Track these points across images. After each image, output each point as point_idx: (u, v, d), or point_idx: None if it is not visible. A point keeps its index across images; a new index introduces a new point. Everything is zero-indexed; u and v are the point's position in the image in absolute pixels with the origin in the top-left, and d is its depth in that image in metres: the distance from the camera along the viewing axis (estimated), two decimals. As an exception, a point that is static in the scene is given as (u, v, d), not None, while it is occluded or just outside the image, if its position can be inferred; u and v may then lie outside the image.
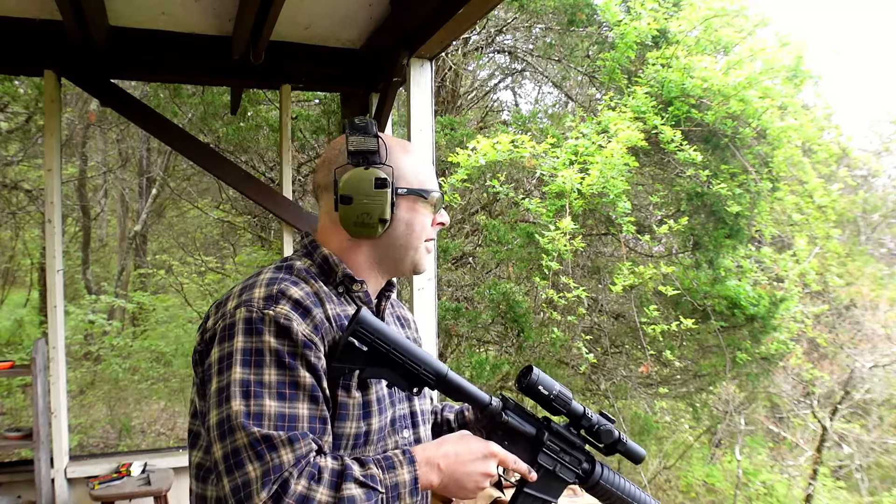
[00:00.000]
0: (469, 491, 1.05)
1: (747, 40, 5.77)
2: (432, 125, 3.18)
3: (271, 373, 0.96)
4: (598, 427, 1.15)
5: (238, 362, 0.96)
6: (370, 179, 1.08)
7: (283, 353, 0.97)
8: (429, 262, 1.19)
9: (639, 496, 1.20)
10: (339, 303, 1.09)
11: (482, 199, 6.24)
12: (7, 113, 7.03)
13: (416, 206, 1.14)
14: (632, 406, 5.97)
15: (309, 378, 0.98)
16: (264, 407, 0.94)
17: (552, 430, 1.14)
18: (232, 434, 0.93)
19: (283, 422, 0.94)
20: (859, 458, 7.70)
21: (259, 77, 3.44)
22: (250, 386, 0.95)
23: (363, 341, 0.99)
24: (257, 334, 0.97)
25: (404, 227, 1.13)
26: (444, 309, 5.35)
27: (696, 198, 5.37)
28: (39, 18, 2.90)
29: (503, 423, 1.09)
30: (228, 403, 0.94)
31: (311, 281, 1.07)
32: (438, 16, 2.71)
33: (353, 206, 1.08)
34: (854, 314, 7.97)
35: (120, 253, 9.34)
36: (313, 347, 0.99)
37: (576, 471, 1.16)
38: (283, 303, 0.99)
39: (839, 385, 7.76)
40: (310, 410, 0.97)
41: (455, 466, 1.03)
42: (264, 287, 1.02)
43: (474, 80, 7.56)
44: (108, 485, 2.95)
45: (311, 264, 1.12)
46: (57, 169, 3.03)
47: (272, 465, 0.91)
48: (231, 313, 1.00)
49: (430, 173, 1.18)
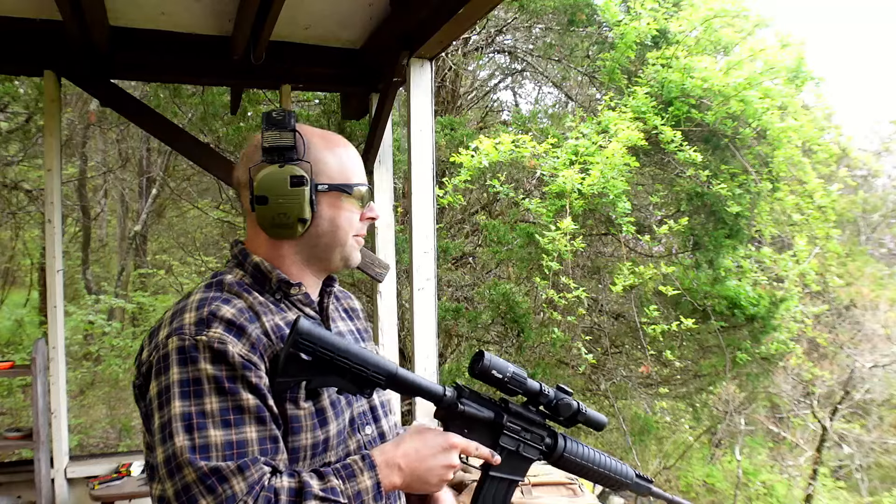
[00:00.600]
0: (433, 485, 1.04)
1: (747, 41, 5.77)
2: (432, 125, 3.18)
3: (212, 401, 0.92)
4: (556, 402, 1.15)
5: (177, 395, 0.92)
6: (285, 178, 1.02)
7: (221, 379, 0.93)
8: (359, 255, 1.15)
9: (605, 462, 1.21)
10: (278, 311, 1.05)
11: (482, 199, 6.24)
12: (7, 113, 7.03)
13: (341, 201, 1.08)
14: (632, 406, 5.97)
15: (252, 399, 0.94)
16: (209, 438, 0.90)
17: (511, 412, 1.13)
18: (180, 471, 0.89)
19: (232, 450, 0.91)
20: (859, 458, 7.70)
21: (259, 77, 3.44)
22: (192, 419, 0.91)
23: (305, 351, 0.95)
24: (192, 363, 0.93)
25: (328, 224, 1.08)
26: (444, 309, 5.35)
27: (697, 198, 5.37)
28: (39, 18, 2.90)
29: (460, 413, 1.08)
30: (172, 440, 0.90)
31: (244, 295, 1.03)
32: (438, 16, 2.71)
33: (269, 206, 1.03)
34: (854, 314, 7.97)
35: (120, 253, 9.34)
36: (253, 368, 0.95)
37: (539, 447, 1.16)
38: (215, 325, 0.95)
39: (839, 385, 7.76)
40: (258, 433, 0.94)
41: (416, 464, 1.01)
42: (194, 311, 0.97)
43: (474, 80, 7.56)
44: (107, 485, 2.94)
45: (244, 275, 1.07)
46: (57, 169, 3.03)
47: (225, 497, 0.88)
48: (164, 344, 0.96)
49: (356, 166, 1.12)
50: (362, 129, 5.34)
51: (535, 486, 2.22)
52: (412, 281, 3.17)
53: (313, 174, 1.05)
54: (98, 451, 7.00)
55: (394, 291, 3.60)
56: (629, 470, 1.24)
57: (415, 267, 3.17)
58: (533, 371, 5.44)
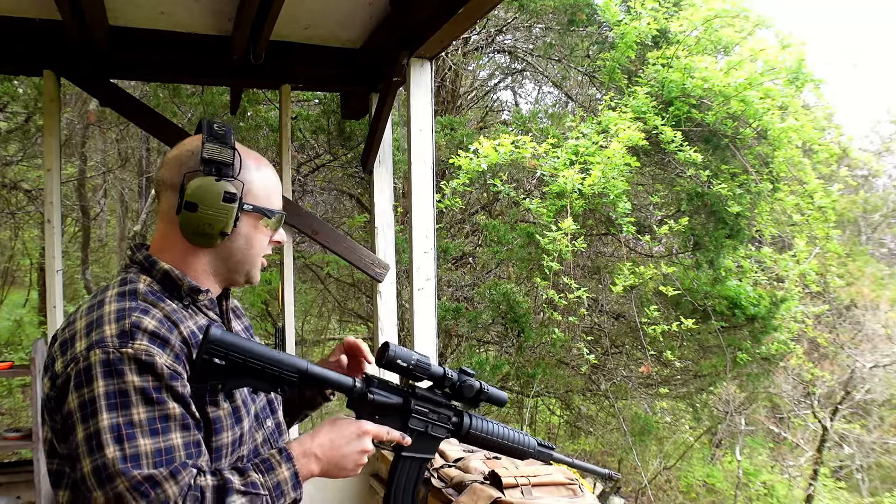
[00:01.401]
0: (350, 470, 1.12)
1: (748, 41, 5.76)
2: (432, 125, 3.17)
3: (140, 411, 0.95)
4: (460, 384, 1.23)
5: (104, 408, 0.94)
6: (220, 192, 1.07)
7: (148, 390, 0.96)
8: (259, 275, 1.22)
9: (509, 435, 1.33)
10: (189, 316, 1.09)
11: (482, 199, 6.24)
12: (6, 113, 7.02)
13: (259, 223, 1.15)
14: (632, 406, 5.97)
15: (178, 408, 0.98)
16: (139, 447, 0.94)
17: (417, 396, 1.22)
18: (112, 481, 0.92)
19: (161, 457, 0.95)
20: (860, 459, 7.70)
21: (259, 77, 3.43)
22: (121, 429, 0.93)
23: (219, 357, 1.01)
24: (118, 375, 0.95)
25: (244, 241, 1.14)
26: (445, 309, 5.35)
27: (697, 198, 5.37)
28: (39, 18, 2.89)
29: (370, 402, 1.16)
30: (102, 451, 0.92)
31: (158, 304, 1.05)
32: (438, 16, 2.71)
33: (196, 214, 1.07)
34: (854, 314, 7.97)
35: (119, 253, 9.34)
36: (178, 377, 0.99)
37: (446, 426, 1.25)
38: (139, 337, 0.97)
39: (840, 385, 7.76)
40: (184, 438, 0.98)
41: (332, 452, 1.09)
42: (115, 323, 0.98)
43: (474, 80, 7.56)
44: (107, 486, 2.94)
45: (152, 281, 1.09)
46: (56, 169, 3.02)
47: (159, 501, 0.92)
48: (84, 356, 0.96)
49: (278, 192, 1.18)
50: (362, 128, 5.34)
51: (534, 487, 2.21)
52: (412, 281, 3.17)
53: (243, 193, 1.10)
54: (98, 451, 6.99)
55: (394, 291, 3.59)
56: (531, 440, 1.37)
57: (415, 267, 3.17)
58: (533, 371, 5.43)
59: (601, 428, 6.41)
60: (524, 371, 5.51)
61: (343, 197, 6.47)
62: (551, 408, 7.07)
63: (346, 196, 6.45)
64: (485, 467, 2.38)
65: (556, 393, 6.13)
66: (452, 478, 2.40)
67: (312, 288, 6.78)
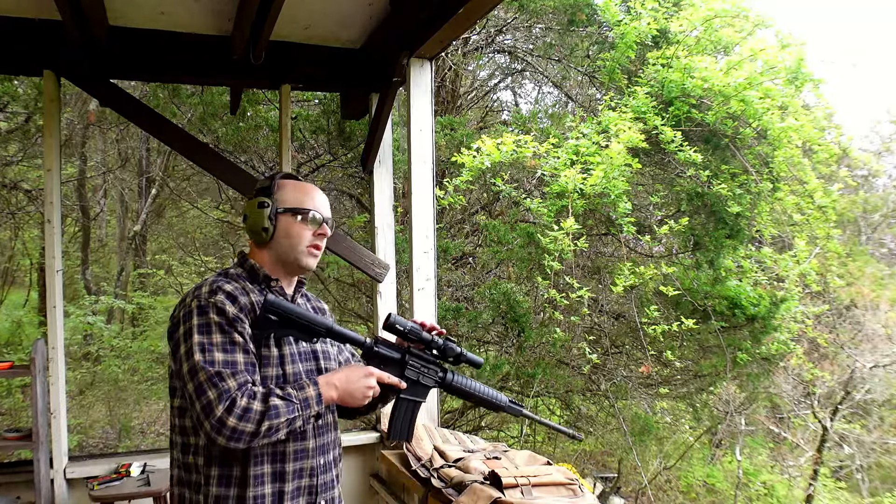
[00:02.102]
0: (359, 399, 1.55)
1: (748, 41, 5.76)
2: (432, 125, 3.17)
3: (216, 337, 1.45)
4: (443, 346, 1.65)
5: (195, 331, 1.45)
6: (255, 202, 1.60)
7: (223, 324, 1.47)
8: (313, 262, 1.64)
9: (484, 390, 1.72)
10: (260, 294, 1.58)
11: (482, 199, 6.23)
12: (6, 113, 7.02)
13: (295, 220, 1.60)
14: (632, 406, 5.96)
15: (240, 339, 1.47)
16: (215, 356, 1.43)
17: (412, 353, 1.65)
18: (196, 374, 1.42)
19: (228, 366, 1.43)
20: (860, 459, 7.70)
21: (258, 77, 3.43)
22: (204, 345, 1.44)
23: (273, 313, 1.50)
24: (205, 314, 1.47)
25: (284, 234, 1.60)
26: (445, 309, 5.34)
27: (697, 198, 5.37)
28: (39, 18, 2.89)
29: (376, 353, 1.61)
30: (192, 357, 1.43)
31: (239, 280, 1.58)
32: (438, 16, 2.71)
33: (246, 221, 1.62)
34: (854, 314, 7.97)
35: (119, 253, 9.33)
36: (240, 321, 1.49)
37: (434, 378, 1.67)
38: (219, 294, 1.49)
39: (840, 385, 7.76)
40: (244, 358, 1.47)
41: (346, 384, 1.53)
42: (208, 285, 1.51)
43: (474, 80, 7.56)
44: (107, 485, 2.94)
45: (243, 271, 1.63)
46: (56, 169, 3.02)
47: (223, 388, 1.40)
48: (189, 303, 1.49)
49: (314, 201, 1.63)
50: (362, 128, 5.33)
51: (534, 487, 2.21)
52: (412, 281, 3.17)
53: (277, 203, 1.60)
54: (97, 451, 7.00)
55: (394, 291, 3.59)
56: (503, 397, 1.75)
57: (415, 267, 3.17)
58: (533, 371, 5.43)
59: (601, 428, 6.41)
60: (524, 371, 5.50)
61: (343, 197, 6.46)
62: (551, 408, 7.07)
63: (346, 196, 6.45)
64: (485, 467, 2.38)
65: (556, 393, 6.13)
66: (452, 478, 2.40)
67: (312, 288, 6.79)
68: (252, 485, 1.47)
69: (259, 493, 1.48)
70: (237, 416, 1.39)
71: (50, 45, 2.95)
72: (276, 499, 1.50)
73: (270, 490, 1.49)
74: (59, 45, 2.95)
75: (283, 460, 1.51)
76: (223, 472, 1.48)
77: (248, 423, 1.39)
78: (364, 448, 3.52)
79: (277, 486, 1.50)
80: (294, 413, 1.44)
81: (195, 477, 1.51)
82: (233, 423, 1.38)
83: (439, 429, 3.07)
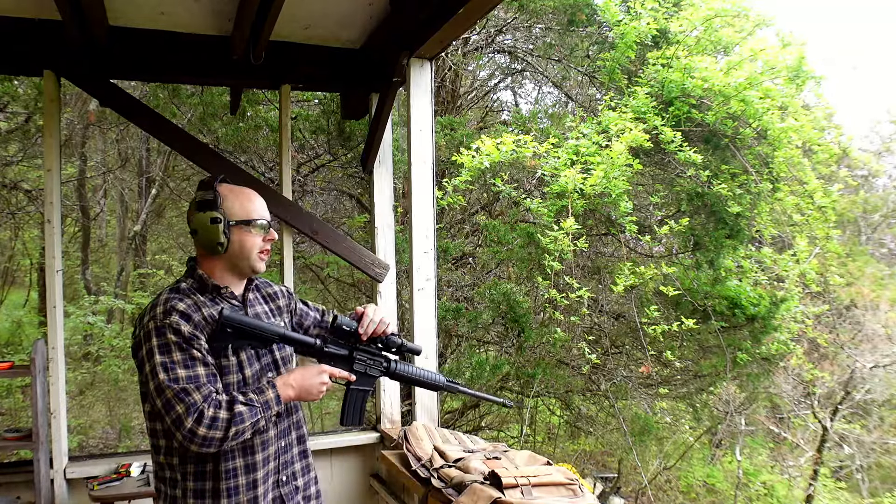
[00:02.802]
0: (314, 396, 1.71)
1: (748, 40, 5.76)
2: (432, 125, 3.17)
3: (176, 355, 1.57)
4: (386, 339, 1.82)
5: (156, 352, 1.56)
6: (206, 218, 1.67)
7: (181, 343, 1.57)
8: (263, 266, 1.76)
9: (425, 374, 1.91)
10: (212, 305, 1.67)
11: (482, 199, 6.23)
12: (6, 113, 7.01)
13: (246, 230, 1.70)
14: (632, 406, 5.96)
15: (198, 354, 1.59)
16: (178, 373, 1.55)
17: (358, 349, 1.82)
18: (163, 392, 1.54)
19: (191, 381, 1.55)
20: (860, 459, 7.70)
21: (258, 77, 3.43)
22: (166, 364, 1.55)
23: (228, 327, 1.61)
24: (162, 335, 1.58)
25: (237, 247, 1.70)
26: (445, 309, 5.34)
27: (697, 198, 5.36)
28: (39, 18, 2.89)
29: (326, 353, 1.77)
30: (158, 377, 1.55)
31: (191, 295, 1.67)
32: (438, 16, 2.71)
33: (198, 236, 1.69)
34: (854, 314, 7.97)
35: (119, 253, 9.33)
36: (195, 339, 1.60)
37: (380, 368, 1.84)
38: (173, 315, 1.59)
39: (840, 385, 7.76)
40: (205, 370, 1.59)
41: (302, 382, 1.68)
42: (162, 305, 1.61)
43: (474, 80, 7.55)
44: (107, 485, 2.94)
45: (193, 282, 1.71)
46: (56, 169, 3.02)
47: (189, 402, 1.52)
48: (146, 324, 1.61)
49: (257, 207, 1.73)
50: (362, 128, 5.33)
51: (534, 487, 2.21)
52: (412, 281, 3.17)
53: (226, 215, 1.68)
54: (97, 451, 6.99)
55: (394, 291, 3.59)
56: (441, 377, 1.93)
57: (415, 267, 3.17)
58: (533, 371, 5.43)
59: (601, 428, 6.41)
60: (524, 371, 5.50)
61: (343, 197, 6.46)
62: (551, 408, 7.07)
63: (346, 196, 6.45)
64: (485, 468, 2.37)
65: (556, 393, 6.12)
66: (452, 478, 2.40)
67: (312, 288, 6.78)
68: (225, 478, 1.63)
69: (233, 485, 1.64)
70: (206, 425, 1.52)
71: (50, 45, 2.95)
72: (250, 486, 1.66)
73: (245, 480, 1.65)
74: (59, 45, 2.94)
75: (253, 452, 1.67)
76: (198, 469, 1.64)
77: (217, 431, 1.53)
78: (364, 448, 3.52)
79: (251, 476, 1.66)
80: (257, 416, 1.59)
81: (170, 473, 1.67)
82: (203, 433, 1.52)
83: (439, 429, 3.07)
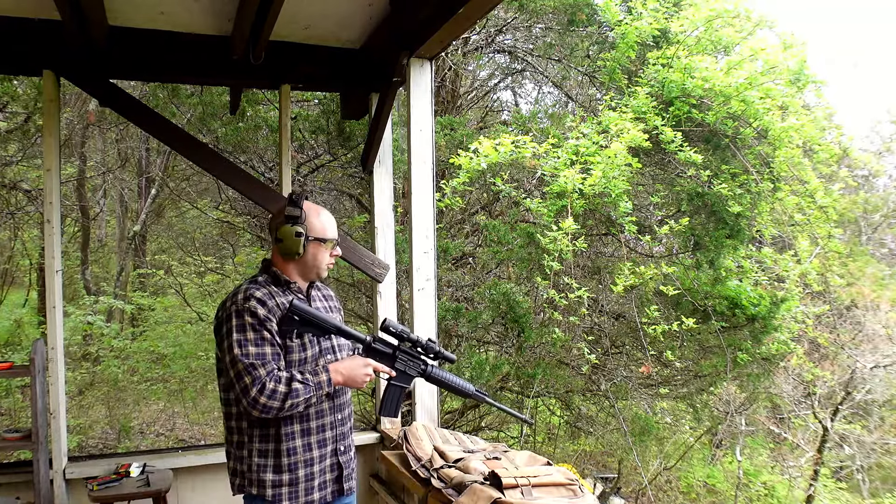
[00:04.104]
0: (359, 383, 2.04)
1: (748, 40, 5.75)
2: (432, 125, 3.17)
3: (250, 334, 1.92)
4: (426, 345, 2.12)
5: (234, 331, 1.92)
6: (293, 231, 2.02)
7: (255, 325, 1.93)
8: (326, 273, 2.13)
9: (457, 381, 2.17)
10: (283, 295, 2.04)
11: (482, 199, 6.23)
12: (6, 113, 7.01)
13: (319, 246, 2.08)
14: (632, 407, 5.96)
15: (268, 335, 1.94)
16: (249, 350, 1.90)
17: (401, 350, 2.12)
18: (236, 364, 1.90)
19: (259, 357, 1.91)
20: (860, 459, 7.69)
21: (258, 77, 3.43)
22: (241, 342, 1.91)
23: (294, 315, 1.96)
24: (240, 317, 1.93)
25: (311, 257, 2.08)
26: (444, 309, 5.34)
27: (697, 198, 5.35)
28: (38, 18, 2.89)
29: (373, 349, 2.09)
30: (233, 351, 1.90)
31: (266, 286, 2.02)
32: (438, 16, 2.71)
33: (283, 244, 2.04)
34: (855, 314, 7.97)
35: (119, 253, 9.34)
36: (268, 321, 1.94)
37: (417, 370, 2.13)
38: (251, 301, 1.94)
39: (840, 386, 7.75)
40: (271, 350, 1.94)
41: (349, 371, 2.02)
42: (243, 293, 1.97)
43: (474, 80, 7.55)
44: (106, 486, 2.93)
45: (268, 277, 2.08)
46: (56, 169, 3.02)
47: (256, 375, 1.88)
48: (228, 307, 1.97)
49: (331, 229, 2.10)
50: (362, 128, 5.33)
51: (534, 487, 2.20)
52: (412, 281, 3.16)
53: (307, 231, 2.05)
54: (97, 451, 6.99)
55: (394, 291, 3.59)
56: (470, 386, 2.19)
57: (415, 267, 3.17)
58: (533, 371, 5.42)
59: (601, 428, 6.40)
60: (524, 371, 5.50)
61: (343, 197, 6.46)
62: (551, 408, 7.07)
63: (346, 196, 6.45)
64: (485, 468, 2.37)
65: (557, 393, 6.12)
66: (452, 478, 2.39)
67: (312, 288, 6.77)
68: (285, 440, 1.98)
69: (292, 446, 1.99)
70: (267, 395, 1.86)
71: (50, 45, 2.95)
72: (307, 448, 2.01)
73: (301, 442, 2.00)
74: (59, 45, 2.94)
75: (308, 419, 2.01)
76: (262, 431, 1.98)
77: (275, 401, 1.87)
78: (364, 448, 3.51)
79: (306, 439, 2.01)
80: (310, 394, 1.94)
81: (237, 437, 2.03)
82: (263, 401, 1.86)
83: (439, 429, 3.06)
